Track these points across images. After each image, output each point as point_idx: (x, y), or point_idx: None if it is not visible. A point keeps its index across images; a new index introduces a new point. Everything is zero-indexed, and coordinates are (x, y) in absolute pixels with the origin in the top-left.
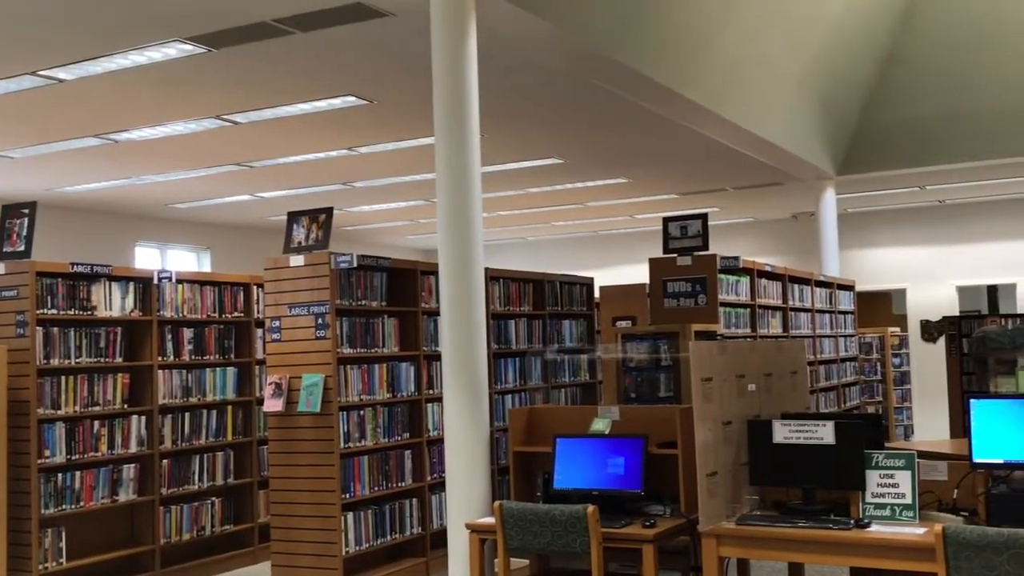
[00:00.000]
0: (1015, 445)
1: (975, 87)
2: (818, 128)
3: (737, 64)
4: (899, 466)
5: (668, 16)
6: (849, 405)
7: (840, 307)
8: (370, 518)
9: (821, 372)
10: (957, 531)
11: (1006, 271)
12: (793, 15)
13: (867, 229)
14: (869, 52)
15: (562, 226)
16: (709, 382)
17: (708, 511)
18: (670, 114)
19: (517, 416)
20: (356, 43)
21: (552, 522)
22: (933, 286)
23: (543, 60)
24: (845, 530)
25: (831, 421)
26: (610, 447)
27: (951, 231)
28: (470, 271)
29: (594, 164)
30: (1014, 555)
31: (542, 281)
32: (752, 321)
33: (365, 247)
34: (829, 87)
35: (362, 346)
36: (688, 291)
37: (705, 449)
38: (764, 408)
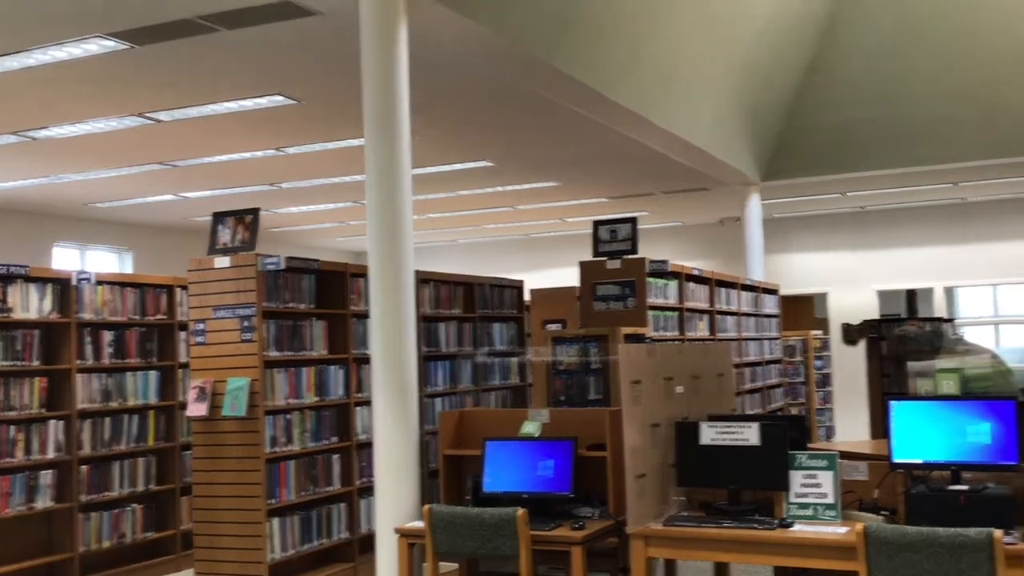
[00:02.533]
0: (933, 446)
1: (894, 96)
2: (744, 135)
3: (666, 71)
4: (821, 466)
5: (599, 22)
6: (773, 407)
7: (765, 310)
8: (297, 523)
9: (747, 374)
10: (878, 530)
11: (924, 276)
12: (721, 24)
13: (791, 234)
14: (794, 61)
15: (493, 229)
16: (638, 385)
17: (636, 512)
18: (601, 119)
19: (447, 419)
20: (284, 42)
21: (481, 525)
22: (854, 290)
23: (474, 62)
24: (769, 530)
25: (756, 423)
26: (540, 450)
27: (871, 237)
28: (400, 273)
29: (525, 167)
30: (932, 554)
31: (472, 284)
32: (680, 324)
33: (293, 249)
34: (755, 95)
35: (289, 349)
36: (617, 294)
37: (634, 451)
38: (691, 410)
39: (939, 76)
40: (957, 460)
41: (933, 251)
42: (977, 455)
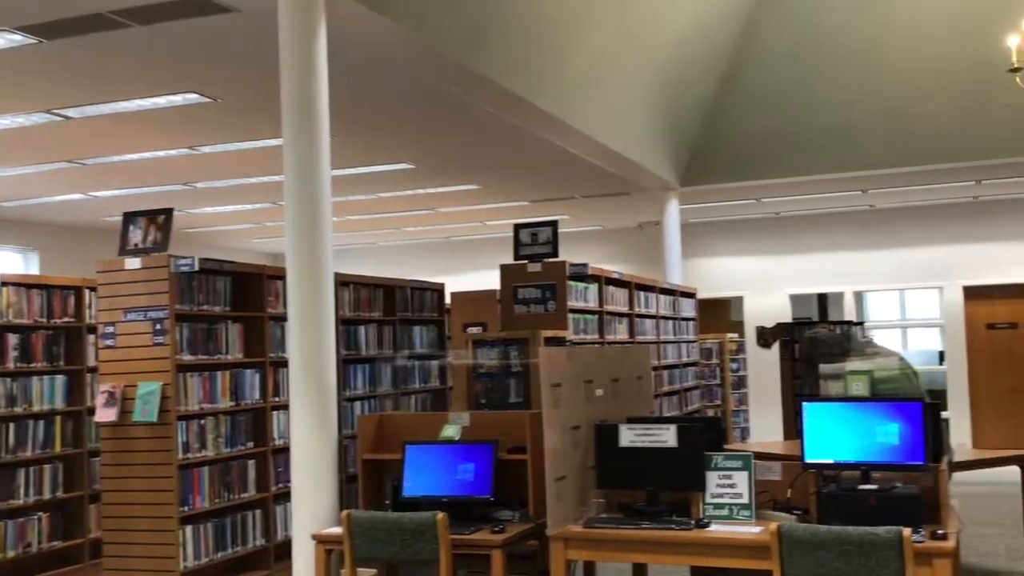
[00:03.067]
0: (844, 446)
1: (808, 105)
2: (663, 140)
3: (587, 76)
4: (737, 467)
5: (520, 27)
6: (690, 409)
7: (683, 314)
8: (210, 531)
9: (665, 377)
10: (790, 529)
11: (835, 280)
12: (640, 32)
13: (708, 239)
14: (711, 70)
15: (413, 231)
16: (558, 388)
17: (556, 515)
18: (522, 122)
19: (366, 423)
20: (199, 39)
21: (401, 530)
22: (768, 294)
23: (395, 63)
24: (686, 530)
25: (674, 425)
26: (460, 453)
27: (785, 242)
28: (319, 276)
29: (446, 170)
30: (843, 552)
31: (393, 287)
32: (600, 327)
33: (208, 250)
34: (674, 102)
35: (204, 353)
36: (538, 297)
37: (554, 454)
38: (611, 413)
39: (850, 87)
40: (866, 460)
41: (843, 256)
42: (886, 455)
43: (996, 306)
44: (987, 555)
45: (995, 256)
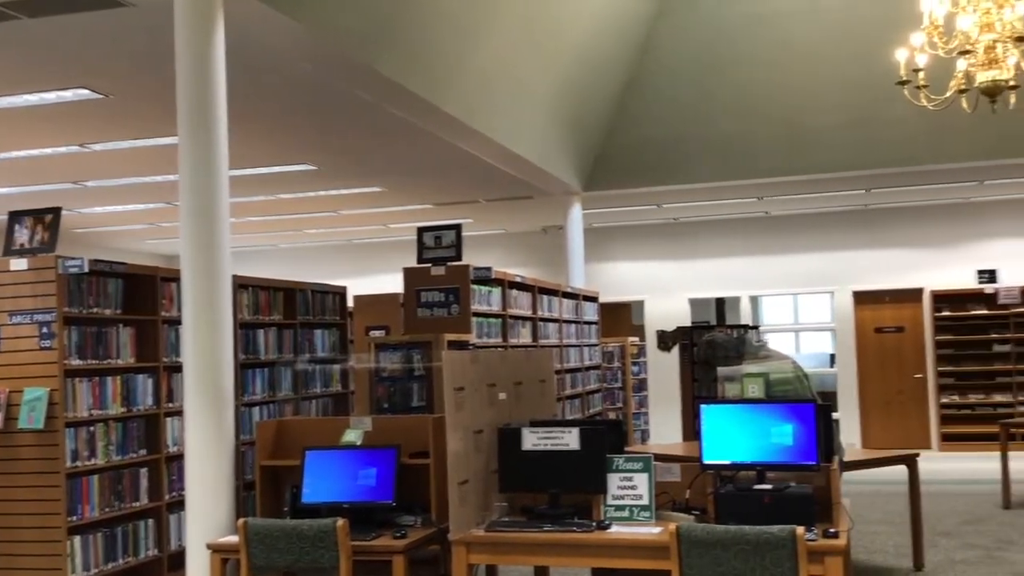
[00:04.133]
0: (740, 447)
1: (706, 114)
2: (566, 145)
3: (491, 80)
4: (637, 469)
5: (424, 29)
6: (592, 411)
7: (585, 318)
8: (100, 541)
9: (567, 380)
10: (689, 529)
11: (732, 285)
12: (544, 36)
13: (611, 243)
14: (613, 76)
15: (315, 233)
16: (461, 391)
17: (458, 519)
18: (425, 125)
19: (264, 429)
20: (91, 33)
21: (299, 538)
22: (668, 298)
23: (296, 63)
24: (587, 532)
25: (576, 428)
26: (361, 458)
27: (684, 247)
28: (216, 278)
29: (348, 172)
30: (740, 551)
31: (293, 289)
32: (503, 331)
33: (99, 251)
34: (577, 108)
35: (93, 357)
36: (441, 301)
37: (457, 458)
38: (514, 416)
39: (748, 96)
40: (762, 461)
41: (740, 261)
42: (780, 455)
43: (884, 310)
44: (876, 552)
45: (883, 262)
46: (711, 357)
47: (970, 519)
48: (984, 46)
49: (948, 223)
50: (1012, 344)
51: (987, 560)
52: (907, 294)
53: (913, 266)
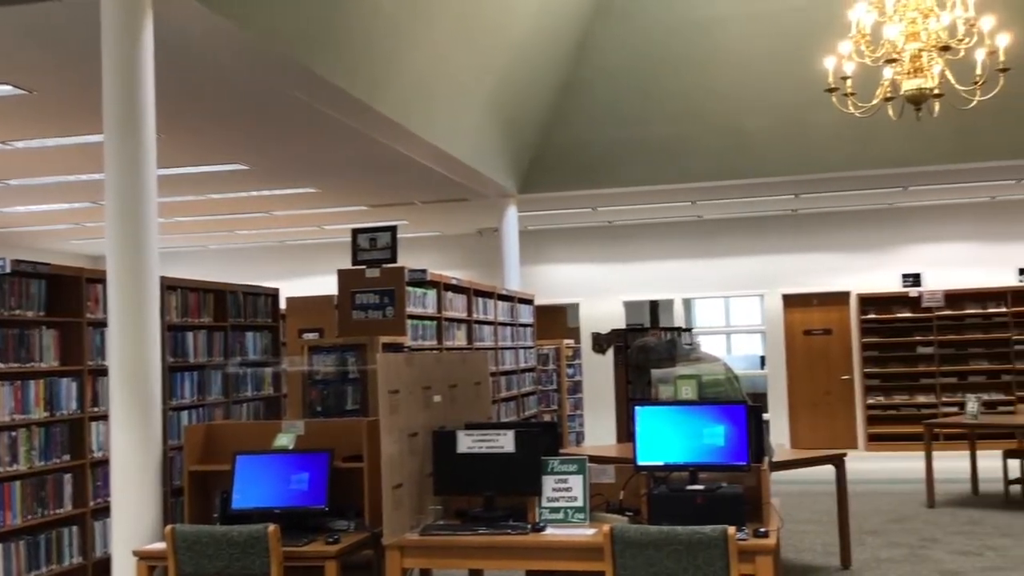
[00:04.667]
0: (673, 448)
1: (641, 118)
2: (503, 148)
3: (427, 81)
4: (572, 471)
5: (359, 29)
6: (528, 414)
7: (520, 320)
8: (22, 549)
9: (503, 382)
10: (622, 530)
11: (665, 288)
12: (480, 39)
13: (546, 246)
14: (549, 80)
15: (247, 235)
16: (396, 394)
17: (392, 523)
18: (360, 126)
19: (193, 433)
20: (14, 27)
21: (229, 544)
22: (603, 300)
23: (226, 61)
24: (522, 534)
25: (511, 430)
26: (293, 463)
27: (619, 250)
28: (143, 279)
29: (282, 172)
30: (672, 551)
31: (224, 291)
32: (438, 333)
33: (21, 251)
34: (513, 110)
35: (15, 360)
36: (376, 303)
37: (391, 461)
38: (449, 419)
39: (682, 101)
40: (694, 461)
41: (674, 264)
42: (712, 456)
43: (812, 313)
44: (805, 551)
45: (812, 266)
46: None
47: (895, 518)
48: (910, 55)
49: (874, 228)
50: (935, 346)
51: (911, 558)
52: (835, 297)
53: (840, 270)
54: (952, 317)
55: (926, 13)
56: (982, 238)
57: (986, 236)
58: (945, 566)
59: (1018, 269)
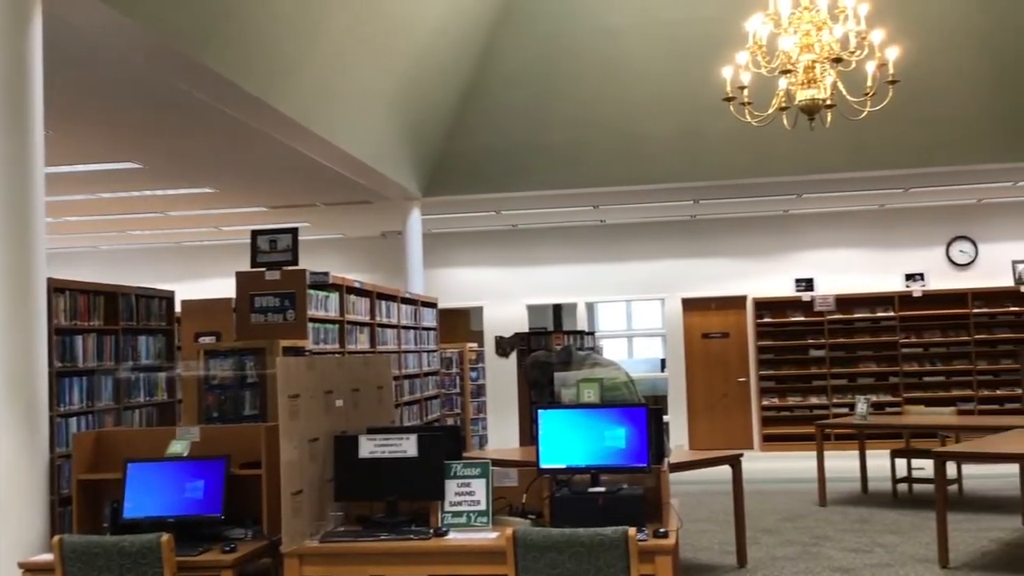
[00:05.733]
0: (576, 451)
1: (544, 122)
2: (406, 150)
3: (329, 81)
4: (475, 475)
5: (259, 26)
6: (431, 418)
7: (424, 323)
8: None
9: (406, 386)
10: (525, 533)
11: (568, 291)
12: (383, 39)
13: (450, 249)
14: (454, 81)
15: (141, 235)
16: (296, 399)
17: (291, 531)
18: (260, 125)
19: (82, 441)
20: None
21: (120, 554)
22: (507, 304)
23: (119, 55)
24: (424, 539)
25: (414, 434)
26: (188, 470)
27: (523, 254)
28: (29, 281)
29: (178, 171)
30: (575, 553)
31: (116, 293)
32: (341, 337)
33: None
34: (417, 113)
35: None
36: (276, 306)
37: (290, 467)
38: (351, 423)
39: (585, 106)
40: (596, 464)
41: (577, 268)
42: (614, 458)
43: (710, 317)
44: (703, 550)
45: (710, 271)
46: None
47: (789, 516)
48: (804, 66)
49: (769, 234)
50: (827, 349)
51: (804, 555)
52: (732, 301)
53: (737, 275)
54: (842, 321)
55: (819, 26)
56: (871, 245)
57: (875, 243)
58: (836, 563)
59: (904, 275)
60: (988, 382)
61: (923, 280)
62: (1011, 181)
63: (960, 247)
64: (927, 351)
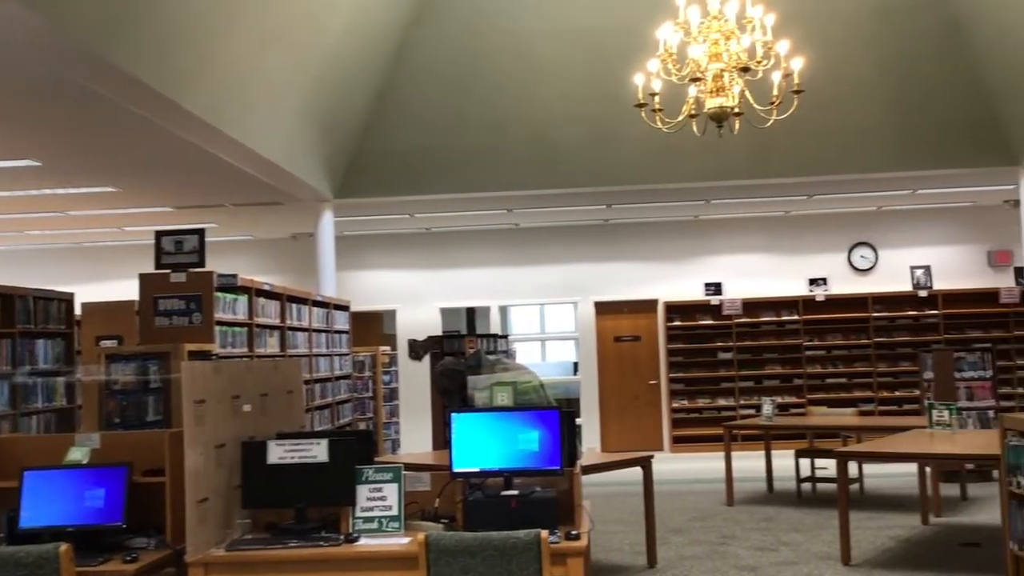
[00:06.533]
0: (489, 454)
1: (458, 126)
2: (318, 152)
3: (239, 80)
4: (387, 479)
5: (167, 22)
6: (342, 422)
7: (336, 327)
8: None
9: (317, 390)
10: (437, 538)
11: (482, 295)
12: (295, 39)
13: (363, 252)
14: (367, 84)
15: (39, 235)
16: (202, 404)
17: (197, 539)
18: (165, 123)
19: None
20: None
21: (17, 565)
22: (420, 307)
23: (15, 48)
24: (334, 546)
25: (325, 439)
26: (88, 478)
27: (437, 257)
28: None
29: (79, 170)
30: (487, 557)
31: (12, 295)
32: (249, 340)
33: None
34: (329, 114)
35: None
36: (182, 309)
37: (196, 474)
38: (259, 429)
39: (497, 111)
40: (510, 467)
41: (491, 272)
42: (527, 461)
43: (622, 320)
44: (614, 551)
45: (622, 275)
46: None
47: (698, 516)
48: (713, 75)
49: (680, 239)
50: (735, 352)
51: (712, 555)
52: (643, 305)
53: (649, 279)
54: (750, 324)
55: (728, 35)
56: (777, 250)
57: (780, 248)
58: (743, 561)
59: (808, 279)
60: (888, 383)
61: (826, 285)
62: (909, 189)
63: (861, 253)
64: (830, 353)
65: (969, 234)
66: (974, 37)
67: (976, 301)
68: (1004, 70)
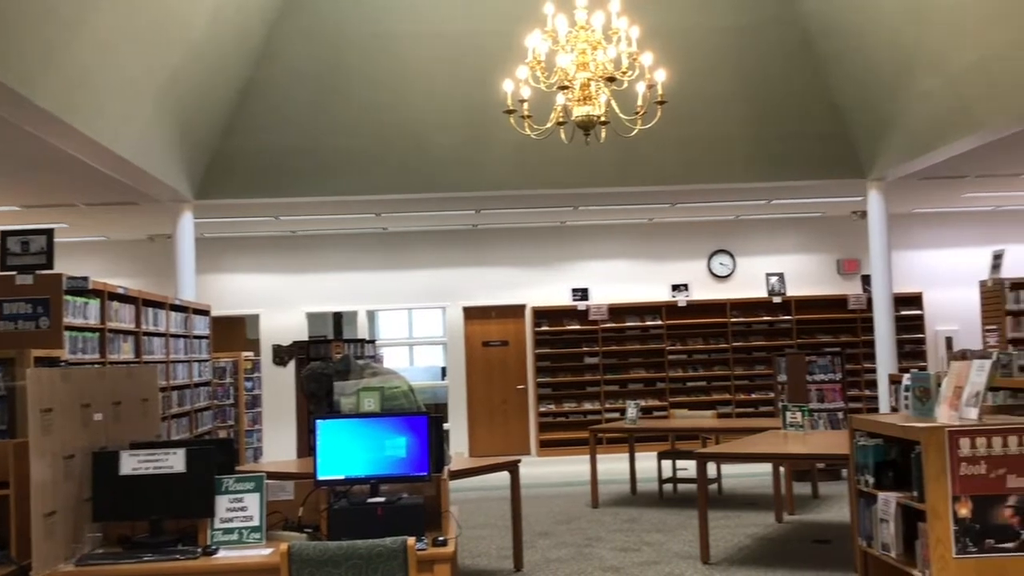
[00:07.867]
0: (355, 461)
1: (324, 127)
2: (176, 150)
3: (91, 74)
4: (248, 489)
5: (13, 12)
6: (202, 430)
7: (195, 332)
8: None
9: (174, 398)
10: (300, 548)
11: (350, 299)
12: (154, 31)
13: (225, 255)
14: (229, 82)
15: None
16: (49, 413)
17: (43, 555)
18: (12, 118)
19: None
20: None
21: None
22: (285, 312)
23: None
24: (191, 559)
25: (182, 449)
26: None
27: (302, 261)
28: None
29: None
30: (352, 566)
31: None
32: (102, 346)
33: None
34: (189, 112)
35: None
36: (28, 313)
37: (42, 487)
38: (112, 438)
39: (366, 114)
40: (376, 474)
41: (358, 276)
42: (394, 468)
43: (490, 325)
44: (481, 555)
45: (490, 280)
46: (317, 390)
47: (564, 519)
48: (580, 83)
49: (548, 245)
50: (600, 356)
51: (578, 557)
52: (511, 310)
53: (517, 284)
54: (615, 329)
55: (595, 45)
56: (641, 256)
57: (644, 255)
58: (607, 562)
59: (671, 285)
60: (744, 387)
61: (687, 291)
62: (765, 199)
63: (720, 260)
64: (691, 358)
65: (820, 243)
66: (824, 53)
67: (826, 307)
68: (852, 86)
